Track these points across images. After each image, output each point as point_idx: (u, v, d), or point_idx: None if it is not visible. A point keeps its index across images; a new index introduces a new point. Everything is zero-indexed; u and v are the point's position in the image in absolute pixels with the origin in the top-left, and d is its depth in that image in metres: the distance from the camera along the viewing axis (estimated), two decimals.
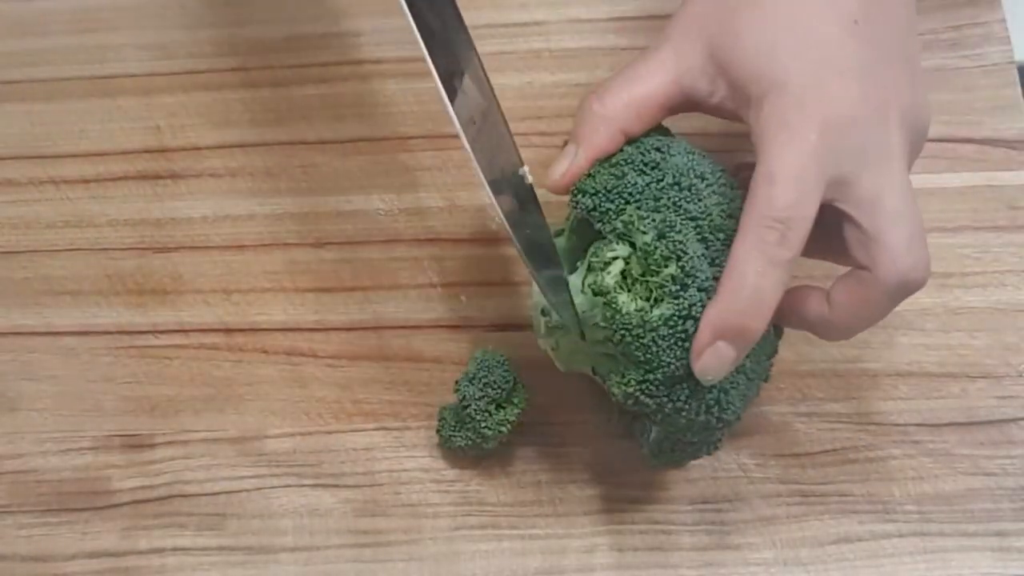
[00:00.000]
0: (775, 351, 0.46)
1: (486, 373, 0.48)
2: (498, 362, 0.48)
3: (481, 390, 0.47)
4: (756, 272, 0.39)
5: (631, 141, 0.44)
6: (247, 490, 0.50)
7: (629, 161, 0.43)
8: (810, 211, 0.39)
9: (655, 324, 0.40)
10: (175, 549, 0.49)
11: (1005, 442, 0.49)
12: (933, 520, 0.48)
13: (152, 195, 0.56)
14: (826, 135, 0.39)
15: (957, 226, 0.52)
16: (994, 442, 0.49)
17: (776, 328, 0.45)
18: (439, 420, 0.49)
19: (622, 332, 0.41)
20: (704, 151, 0.45)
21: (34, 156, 0.57)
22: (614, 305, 0.41)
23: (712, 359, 0.40)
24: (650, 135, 0.44)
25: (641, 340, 0.40)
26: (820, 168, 0.39)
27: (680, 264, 0.40)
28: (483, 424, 0.47)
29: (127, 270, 0.54)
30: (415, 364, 0.52)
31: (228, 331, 0.53)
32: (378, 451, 0.50)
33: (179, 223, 0.55)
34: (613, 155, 0.44)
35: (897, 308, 0.51)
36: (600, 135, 0.44)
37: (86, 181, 0.56)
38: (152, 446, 0.51)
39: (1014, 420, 0.49)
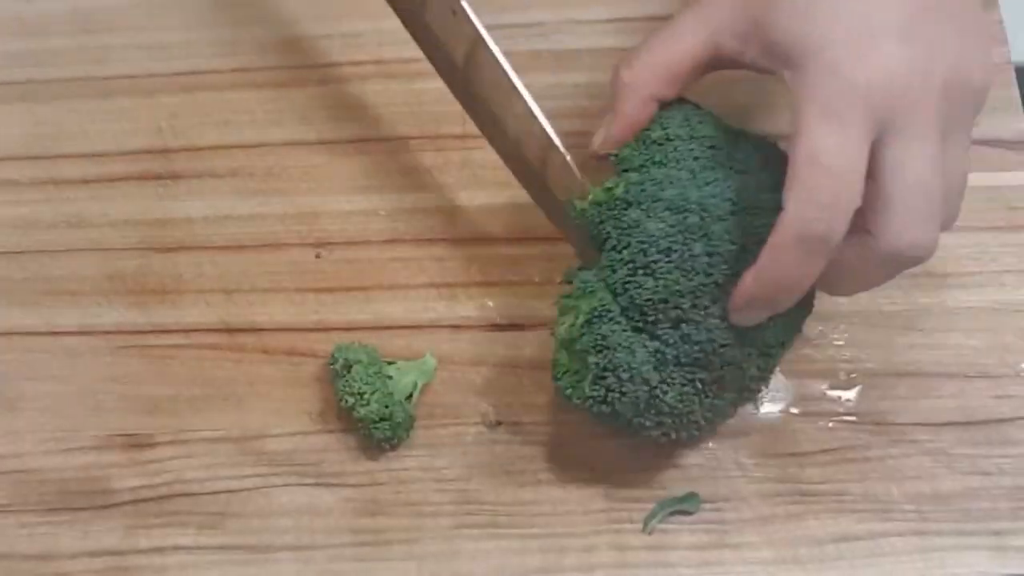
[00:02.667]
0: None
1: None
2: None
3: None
4: (797, 260, 0.39)
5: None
6: (248, 489, 0.50)
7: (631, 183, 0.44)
8: (856, 193, 0.38)
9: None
10: (176, 548, 0.49)
11: (1003, 442, 0.49)
12: (931, 519, 0.48)
13: (152, 195, 0.56)
14: (868, 104, 0.38)
15: (956, 226, 0.52)
16: (992, 442, 0.49)
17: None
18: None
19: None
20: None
21: (34, 156, 0.57)
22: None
23: (744, 318, 0.42)
24: (676, 109, 0.45)
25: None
26: (863, 141, 0.38)
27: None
28: None
29: (127, 270, 0.54)
30: None
31: (228, 331, 0.53)
32: (378, 450, 0.50)
33: (179, 223, 0.55)
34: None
35: (896, 308, 0.51)
36: (630, 104, 0.44)
37: (86, 181, 0.56)
38: (153, 445, 0.51)
39: (1012, 420, 0.49)
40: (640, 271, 0.43)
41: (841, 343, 0.51)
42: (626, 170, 0.45)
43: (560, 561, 0.48)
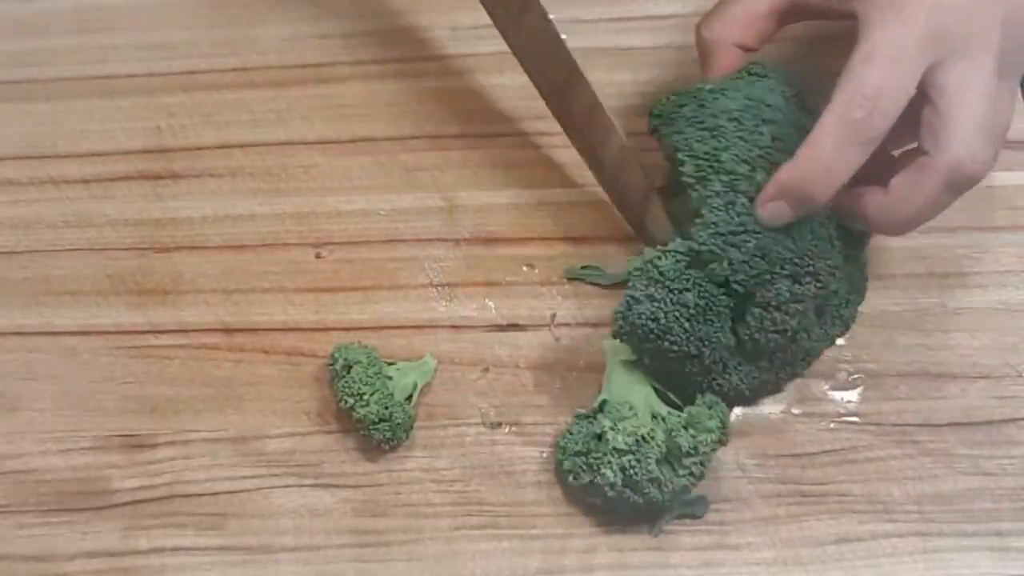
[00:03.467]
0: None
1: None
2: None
3: None
4: (834, 145, 0.40)
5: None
6: (247, 490, 0.50)
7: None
8: (902, 95, 0.40)
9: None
10: (175, 549, 0.49)
11: (1005, 442, 0.49)
12: (932, 520, 0.48)
13: (152, 195, 0.56)
14: (931, 21, 0.39)
15: (957, 226, 0.52)
16: (994, 442, 0.49)
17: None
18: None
19: None
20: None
21: (34, 156, 0.57)
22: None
23: (772, 213, 0.43)
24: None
25: None
26: (920, 53, 0.40)
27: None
28: None
29: (127, 270, 0.54)
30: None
31: (228, 331, 0.53)
32: (378, 451, 0.50)
33: (179, 223, 0.55)
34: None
35: (896, 308, 0.51)
36: (714, 58, 0.46)
37: (86, 181, 0.56)
38: (152, 446, 0.51)
39: (1014, 420, 0.49)
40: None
41: (842, 343, 0.51)
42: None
43: (560, 562, 0.48)
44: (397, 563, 0.48)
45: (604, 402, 0.47)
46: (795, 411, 0.50)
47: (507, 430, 0.50)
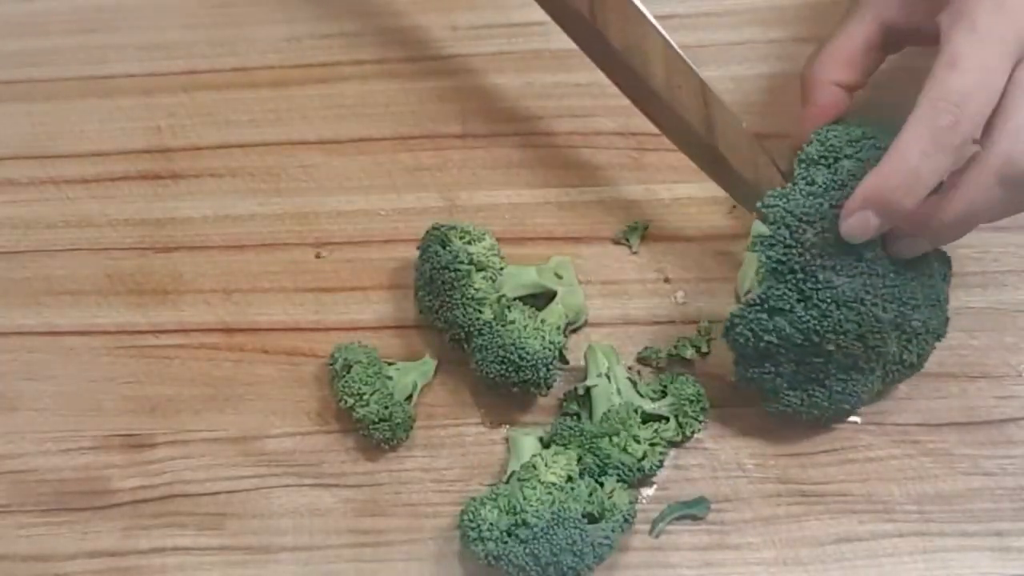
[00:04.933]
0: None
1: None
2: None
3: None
4: (920, 152, 0.40)
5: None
6: (247, 490, 0.50)
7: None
8: (988, 99, 0.40)
9: None
10: (175, 549, 0.49)
11: (1005, 442, 0.49)
12: (933, 520, 0.48)
13: (152, 195, 0.56)
14: (1011, 24, 0.40)
15: None
16: (994, 442, 0.49)
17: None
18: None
19: None
20: None
21: (34, 156, 0.57)
22: None
23: (857, 223, 0.43)
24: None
25: None
26: (1006, 59, 0.40)
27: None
28: None
29: (127, 270, 0.54)
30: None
31: (228, 331, 0.53)
32: (378, 451, 0.50)
33: (179, 223, 0.55)
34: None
35: None
36: (815, 94, 0.48)
37: (86, 181, 0.56)
38: (152, 446, 0.51)
39: (1014, 420, 0.49)
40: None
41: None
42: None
43: None
44: (397, 563, 0.48)
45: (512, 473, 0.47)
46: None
47: (507, 430, 0.50)
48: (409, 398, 0.50)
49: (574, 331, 0.51)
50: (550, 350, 0.48)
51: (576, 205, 0.54)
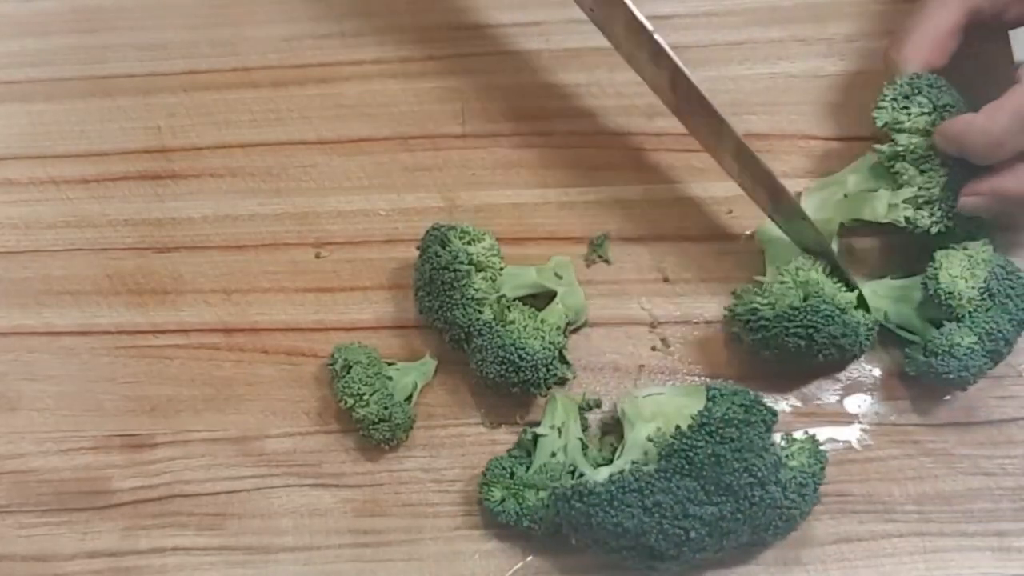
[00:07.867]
0: None
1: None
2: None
3: None
4: (1007, 124, 0.43)
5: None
6: (247, 490, 0.50)
7: None
8: None
9: None
10: (175, 549, 0.49)
11: (1005, 442, 0.49)
12: (933, 520, 0.48)
13: (152, 195, 0.56)
14: None
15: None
16: (994, 442, 0.49)
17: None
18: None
19: None
20: None
21: (34, 156, 0.57)
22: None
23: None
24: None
25: None
26: None
27: None
28: None
29: (127, 270, 0.54)
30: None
31: (228, 331, 0.53)
32: (378, 451, 0.50)
33: (179, 223, 0.55)
34: None
35: None
36: (907, 75, 0.48)
37: (86, 181, 0.56)
38: (152, 446, 0.51)
39: (1014, 420, 0.49)
40: None
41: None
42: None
43: (560, 561, 0.48)
44: (397, 563, 0.48)
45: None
46: (795, 411, 0.50)
47: (507, 430, 0.50)
48: (409, 398, 0.50)
49: (574, 331, 0.51)
50: (550, 350, 0.48)
51: (576, 205, 0.54)
